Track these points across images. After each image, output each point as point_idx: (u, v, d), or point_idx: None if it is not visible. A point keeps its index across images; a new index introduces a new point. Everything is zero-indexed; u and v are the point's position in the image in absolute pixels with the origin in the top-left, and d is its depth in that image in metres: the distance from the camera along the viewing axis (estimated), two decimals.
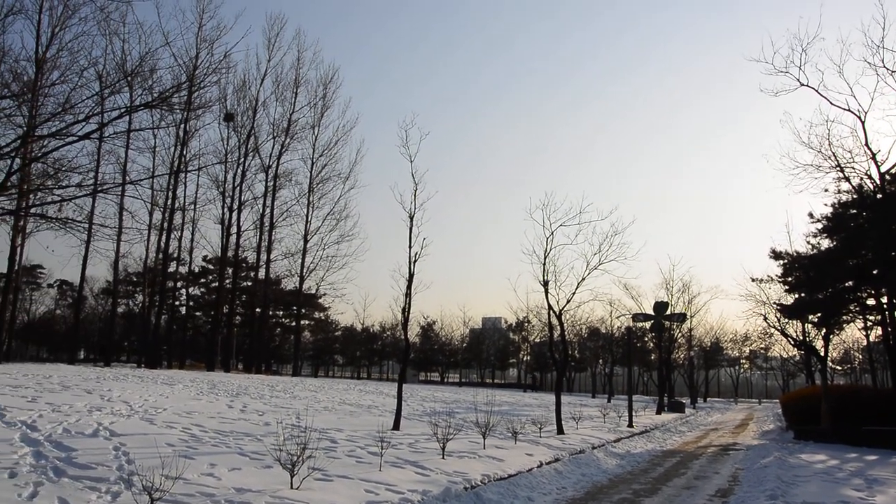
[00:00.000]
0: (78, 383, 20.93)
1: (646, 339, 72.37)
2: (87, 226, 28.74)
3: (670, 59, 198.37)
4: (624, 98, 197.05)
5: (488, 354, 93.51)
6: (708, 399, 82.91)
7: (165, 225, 50.98)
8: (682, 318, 46.99)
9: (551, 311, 24.35)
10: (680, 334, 58.33)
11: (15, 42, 68.35)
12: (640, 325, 52.16)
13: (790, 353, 62.41)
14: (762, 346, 72.02)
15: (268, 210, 58.32)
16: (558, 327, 25.30)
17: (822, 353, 29.59)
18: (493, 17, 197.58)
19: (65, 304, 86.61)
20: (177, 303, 69.09)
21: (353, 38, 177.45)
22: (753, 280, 35.06)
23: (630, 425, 28.06)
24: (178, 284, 64.47)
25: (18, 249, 39.61)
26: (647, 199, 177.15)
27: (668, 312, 42.94)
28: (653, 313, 40.61)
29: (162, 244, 51.65)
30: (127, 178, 41.69)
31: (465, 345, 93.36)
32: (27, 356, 78.38)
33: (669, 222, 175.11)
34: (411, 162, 19.67)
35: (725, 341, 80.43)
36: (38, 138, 7.26)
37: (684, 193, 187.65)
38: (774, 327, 34.41)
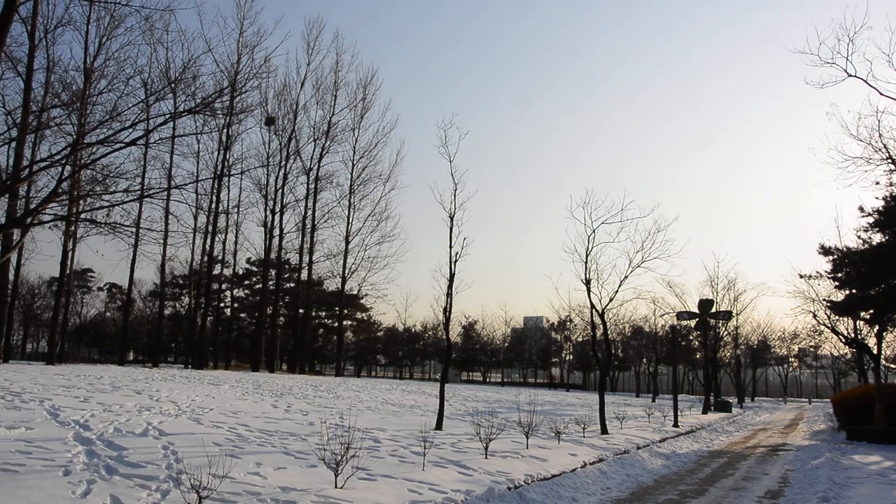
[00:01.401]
0: (128, 384, 21.45)
1: (690, 337, 71.29)
2: (134, 230, 29.49)
3: (714, 57, 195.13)
4: (668, 96, 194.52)
5: (530, 354, 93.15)
6: (755, 398, 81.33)
7: (210, 228, 51.99)
8: (727, 315, 46.19)
9: (594, 310, 24.15)
10: (726, 332, 57.26)
11: (64, 53, 70.46)
12: (684, 323, 51.42)
13: (841, 352, 60.77)
14: (812, 344, 70.38)
15: (309, 212, 59.04)
16: (601, 326, 25.07)
17: (875, 352, 28.72)
18: (531, 13, 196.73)
19: (114, 307, 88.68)
20: (222, 304, 70.31)
21: (391, 38, 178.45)
22: (801, 276, 34.19)
23: (675, 425, 27.67)
24: (223, 286, 65.59)
25: (70, 254, 40.76)
26: (690, 195, 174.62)
27: (714, 310, 42.29)
28: (697, 311, 40.04)
29: (207, 247, 52.70)
30: (172, 182, 42.62)
31: (506, 344, 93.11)
32: (79, 357, 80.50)
33: (713, 218, 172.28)
34: (450, 162, 19.74)
35: (773, 339, 78.78)
36: (86, 146, 7.46)
37: (728, 189, 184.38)
38: (824, 325, 33.52)
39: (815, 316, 33.90)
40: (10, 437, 10.52)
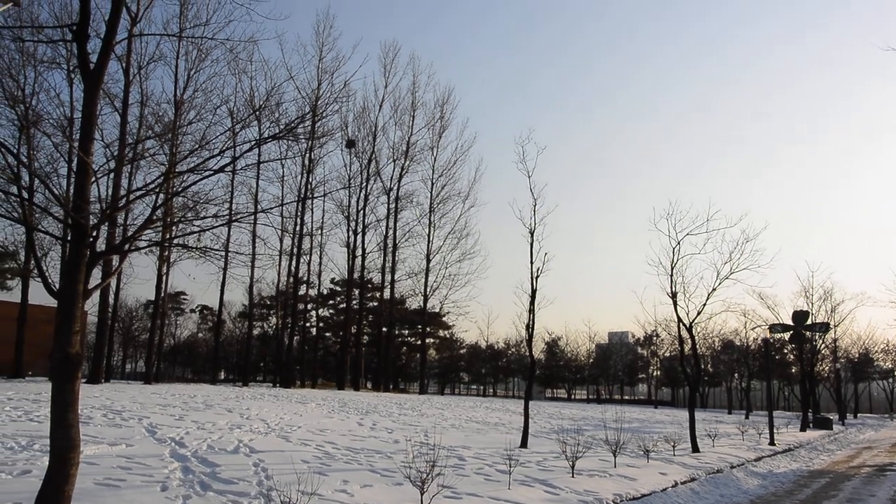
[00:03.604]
0: (219, 402, 22.15)
1: (785, 350, 68.49)
2: (223, 253, 30.57)
3: (802, 53, 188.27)
4: (748, 99, 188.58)
5: (616, 370, 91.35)
6: (858, 415, 77.19)
7: (295, 250, 53.35)
8: (824, 327, 44.11)
9: (681, 324, 23.50)
10: (823, 345, 54.69)
11: (156, 87, 74.48)
12: (778, 336, 49.46)
13: None
14: None
15: (390, 231, 59.81)
16: (689, 340, 24.35)
17: None
18: (602, 15, 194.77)
19: (206, 328, 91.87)
20: (307, 324, 71.78)
21: (467, 57, 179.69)
22: None
23: (772, 443, 26.53)
24: (309, 306, 67.03)
25: (164, 278, 42.56)
26: (779, 202, 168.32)
27: (809, 322, 40.54)
28: (792, 323, 38.48)
29: (292, 268, 54.03)
30: (258, 206, 43.93)
31: (591, 360, 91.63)
32: (174, 377, 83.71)
33: (805, 226, 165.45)
34: (529, 177, 19.63)
35: (876, 352, 74.65)
36: (178, 174, 7.81)
37: (822, 193, 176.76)
38: None
39: None
40: (112, 453, 11.01)
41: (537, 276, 18.70)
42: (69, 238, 7.07)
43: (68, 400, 6.57)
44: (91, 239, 7.01)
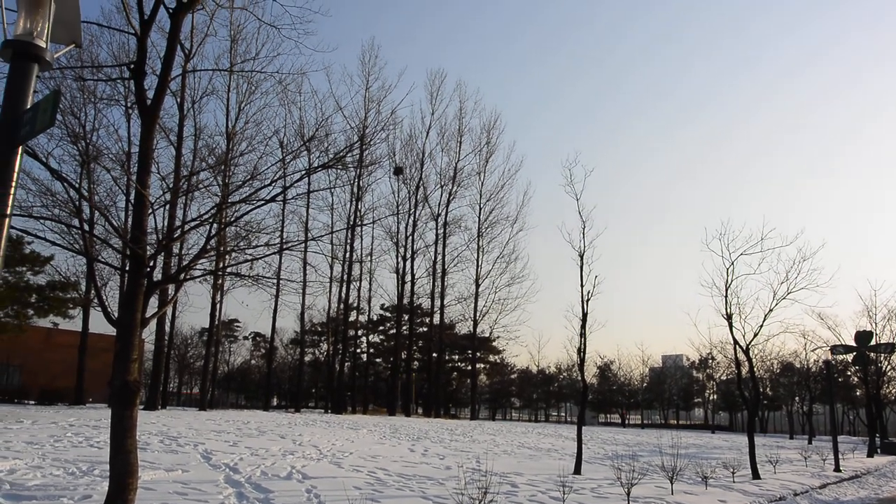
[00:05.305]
0: (272, 428, 22.38)
1: (848, 373, 66.11)
2: (275, 281, 31.10)
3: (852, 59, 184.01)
4: (791, 107, 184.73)
5: (670, 394, 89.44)
6: None
7: (345, 276, 53.96)
8: (889, 348, 42.53)
9: (737, 346, 22.93)
10: (889, 366, 52.69)
11: (209, 120, 76.79)
12: (840, 357, 47.87)
13: None
14: None
15: (439, 257, 60.11)
16: (746, 363, 23.75)
17: None
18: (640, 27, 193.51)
19: (258, 355, 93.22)
20: (358, 350, 72.39)
21: (512, 81, 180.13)
22: None
23: (837, 469, 25.56)
24: (359, 332, 67.56)
25: (218, 306, 43.41)
26: (836, 218, 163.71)
27: (873, 343, 39.21)
28: (854, 344, 37.25)
29: (342, 295, 54.62)
30: (309, 235, 44.77)
31: (644, 385, 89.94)
32: (227, 403, 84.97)
33: (865, 243, 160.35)
34: (577, 200, 19.51)
35: None
36: (231, 204, 8.01)
37: (877, 207, 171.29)
38: None
39: None
40: (169, 479, 11.20)
41: (588, 300, 18.50)
42: (127, 268, 7.29)
43: (127, 426, 6.72)
44: (148, 269, 7.21)
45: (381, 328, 78.15)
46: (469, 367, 71.42)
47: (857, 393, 66.89)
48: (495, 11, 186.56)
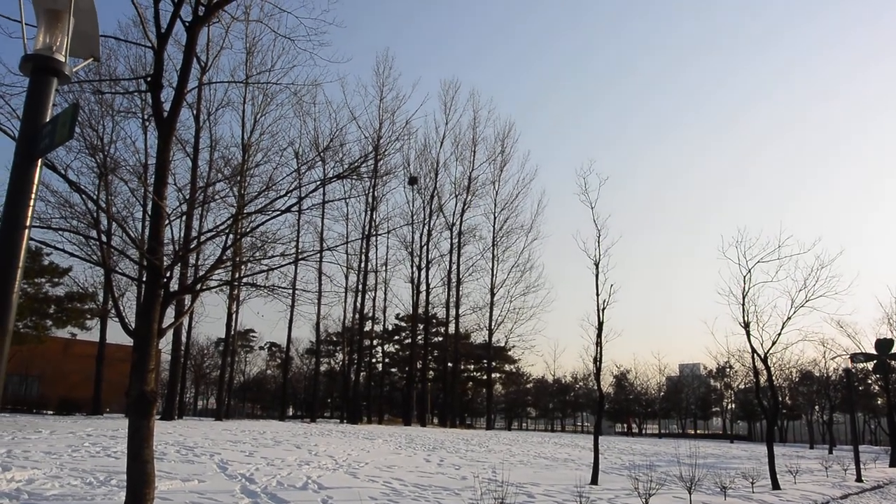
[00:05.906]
0: (288, 438, 22.41)
1: (869, 381, 65.34)
2: (291, 291, 31.13)
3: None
4: (817, 120, 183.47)
5: (688, 403, 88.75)
6: None
7: (360, 286, 54.03)
8: None
9: (755, 355, 22.73)
10: None
11: (225, 132, 77.21)
12: (860, 365, 47.33)
13: None
14: None
15: (454, 266, 60.03)
16: (764, 372, 23.54)
17: None
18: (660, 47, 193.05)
19: (274, 365, 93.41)
20: (373, 360, 72.25)
21: (528, 90, 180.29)
22: None
23: (858, 479, 25.22)
24: (374, 342, 67.55)
25: (234, 316, 43.63)
26: (857, 224, 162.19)
27: (894, 350, 38.72)
28: (875, 352, 36.83)
29: (358, 305, 54.68)
30: (324, 245, 44.77)
31: (661, 394, 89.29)
32: (243, 413, 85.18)
33: (885, 249, 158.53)
34: (592, 208, 19.50)
35: None
36: (246, 215, 8.06)
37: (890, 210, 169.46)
38: None
39: None
40: (186, 489, 11.23)
41: (604, 308, 18.44)
42: (144, 279, 7.35)
43: (144, 436, 6.76)
44: (165, 279, 7.27)
45: (396, 338, 78.11)
46: (484, 377, 71.21)
47: (878, 402, 66.02)
48: (518, 26, 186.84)
